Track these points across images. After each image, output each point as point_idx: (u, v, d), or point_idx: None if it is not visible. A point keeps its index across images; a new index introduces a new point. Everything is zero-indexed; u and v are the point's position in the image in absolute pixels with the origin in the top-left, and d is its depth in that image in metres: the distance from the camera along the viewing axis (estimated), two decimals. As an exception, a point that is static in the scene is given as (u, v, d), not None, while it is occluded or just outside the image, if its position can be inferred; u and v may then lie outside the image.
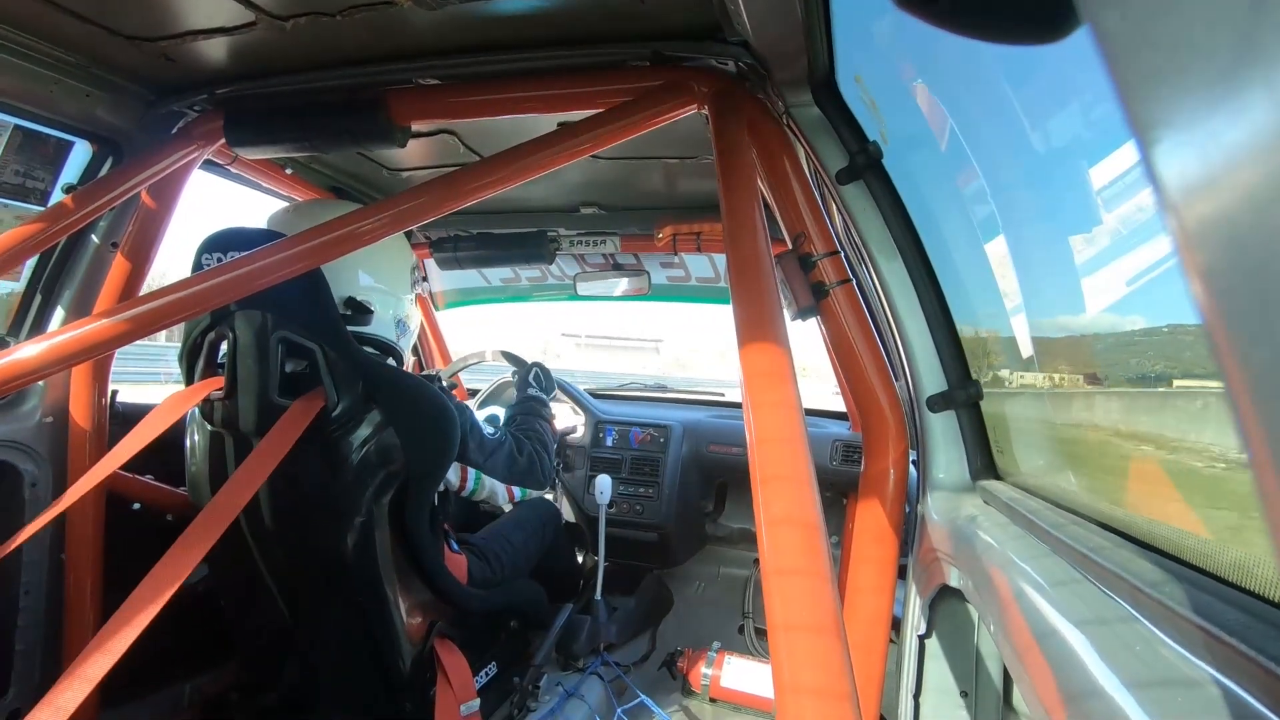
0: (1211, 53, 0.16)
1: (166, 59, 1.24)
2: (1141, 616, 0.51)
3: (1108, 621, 0.53)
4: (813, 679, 0.59)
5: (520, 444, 1.61)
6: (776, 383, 0.80)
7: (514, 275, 2.80)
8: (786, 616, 0.64)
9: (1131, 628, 0.51)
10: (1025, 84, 0.95)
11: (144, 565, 1.03)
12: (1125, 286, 0.83)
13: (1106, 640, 0.51)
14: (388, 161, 1.84)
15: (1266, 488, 0.17)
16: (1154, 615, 0.50)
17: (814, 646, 0.61)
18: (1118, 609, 0.54)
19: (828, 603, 0.64)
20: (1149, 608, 0.50)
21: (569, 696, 1.82)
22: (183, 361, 1.36)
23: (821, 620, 0.63)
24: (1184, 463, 0.78)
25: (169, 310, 1.13)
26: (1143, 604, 0.51)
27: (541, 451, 1.66)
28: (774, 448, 0.75)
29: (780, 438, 0.76)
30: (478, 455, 1.47)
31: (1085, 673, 0.50)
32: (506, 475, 1.54)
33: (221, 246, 1.25)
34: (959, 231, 1.18)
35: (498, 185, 1.17)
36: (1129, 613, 0.53)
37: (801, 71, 1.08)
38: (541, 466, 1.64)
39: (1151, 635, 0.48)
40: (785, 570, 0.67)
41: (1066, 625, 0.56)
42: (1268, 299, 0.16)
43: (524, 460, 1.59)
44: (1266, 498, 0.17)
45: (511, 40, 1.17)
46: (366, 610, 1.34)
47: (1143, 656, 0.47)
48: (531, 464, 1.61)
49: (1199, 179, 0.17)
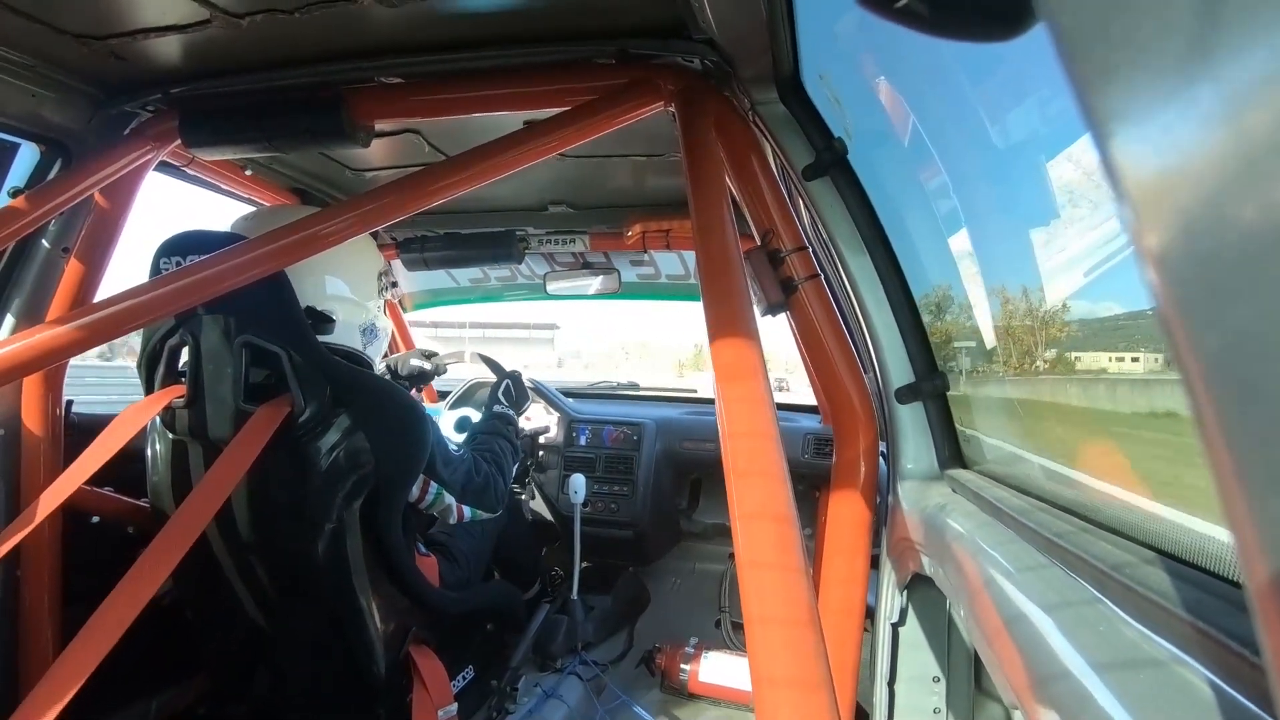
0: (1163, 49, 0.17)
1: (116, 58, 1.20)
2: (1105, 598, 0.53)
3: (1072, 604, 0.55)
4: (789, 670, 0.60)
5: (477, 464, 1.57)
6: (747, 378, 0.81)
7: (483, 275, 2.77)
8: (762, 610, 0.64)
9: (1095, 609, 0.52)
10: (985, 81, 0.97)
11: (105, 580, 1.00)
12: (1083, 277, 0.85)
13: (1071, 622, 0.52)
14: (351, 161, 1.81)
15: (1220, 470, 0.17)
16: (1116, 596, 0.51)
17: (790, 638, 0.62)
18: (1082, 591, 0.56)
19: (802, 594, 0.65)
20: (1112, 589, 0.52)
21: (548, 697, 1.82)
22: (142, 369, 1.32)
23: (796, 612, 0.63)
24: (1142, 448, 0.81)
25: (125, 316, 1.09)
26: (1106, 585, 0.53)
27: (497, 475, 1.61)
28: (746, 442, 0.76)
29: (752, 432, 0.76)
30: (442, 467, 1.43)
31: (1051, 654, 0.51)
32: (460, 493, 1.49)
33: (180, 250, 1.22)
34: (923, 226, 1.20)
35: (464, 185, 1.16)
36: (1093, 594, 0.54)
37: (767, 69, 1.09)
38: (495, 490, 1.58)
39: (1114, 615, 0.50)
40: (760, 564, 0.68)
41: (1033, 608, 0.58)
42: (1218, 286, 0.16)
43: (479, 480, 1.55)
44: (1220, 480, 0.17)
45: (475, 38, 1.16)
46: (340, 617, 1.32)
47: (1106, 636, 0.48)
48: (486, 485, 1.56)
49: (1152, 171, 0.18)
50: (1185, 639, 0.42)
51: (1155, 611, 0.45)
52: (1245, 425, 0.16)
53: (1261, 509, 0.16)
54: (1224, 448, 0.17)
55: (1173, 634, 0.43)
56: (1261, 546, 0.17)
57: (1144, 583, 0.47)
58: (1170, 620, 0.43)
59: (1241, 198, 0.15)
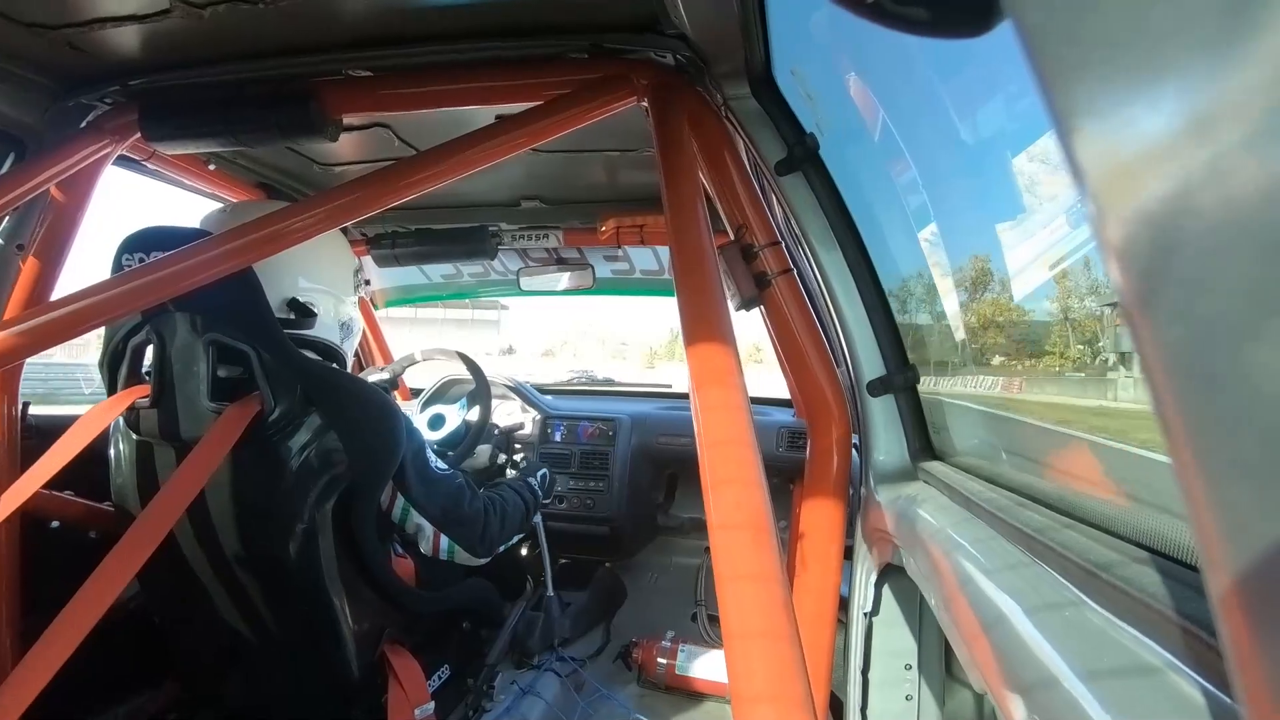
0: (1125, 47, 0.17)
1: (72, 48, 1.16)
2: (1070, 584, 0.54)
3: (1039, 590, 0.56)
4: (765, 661, 0.60)
5: (474, 495, 1.45)
6: (722, 372, 0.81)
7: (456, 271, 2.74)
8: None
9: (1061, 595, 0.54)
10: (954, 77, 0.99)
11: (67, 586, 0.97)
12: (1049, 270, 0.87)
13: (1038, 608, 0.54)
14: (319, 156, 1.78)
15: (1181, 459, 0.18)
16: (1081, 582, 0.52)
17: (765, 629, 0.62)
18: (1048, 578, 0.57)
19: (776, 586, 0.65)
20: (1076, 575, 0.53)
21: (525, 694, 1.81)
22: (104, 369, 1.28)
23: (771, 603, 0.64)
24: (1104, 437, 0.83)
25: (84, 315, 1.06)
26: (1070, 572, 0.54)
27: (494, 518, 1.48)
28: (721, 437, 0.76)
29: (727, 426, 0.77)
30: (415, 481, 1.34)
31: (1019, 640, 0.52)
32: (441, 517, 1.38)
33: (143, 246, 1.19)
34: (894, 220, 1.22)
35: (435, 180, 1.14)
36: (1058, 581, 0.56)
37: (739, 64, 1.09)
38: (485, 530, 1.45)
39: (1080, 601, 0.51)
40: (735, 558, 0.68)
41: (1001, 595, 0.59)
42: (1178, 279, 0.17)
43: (468, 511, 1.42)
44: (1181, 468, 0.18)
45: (446, 31, 1.14)
46: (312, 619, 1.30)
47: (1072, 621, 0.50)
48: (475, 521, 1.44)
49: (1114, 167, 0.18)
50: (1148, 623, 0.43)
51: (1118, 597, 0.47)
52: (1204, 414, 0.17)
53: (1219, 497, 0.17)
54: (1183, 437, 0.18)
55: (1135, 618, 0.45)
56: (1219, 533, 0.17)
57: (1107, 569, 0.49)
58: (1133, 605, 0.45)
59: (1201, 193, 0.15)
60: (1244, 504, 0.16)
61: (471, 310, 36.51)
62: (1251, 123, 0.14)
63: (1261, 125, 0.14)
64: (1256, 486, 0.16)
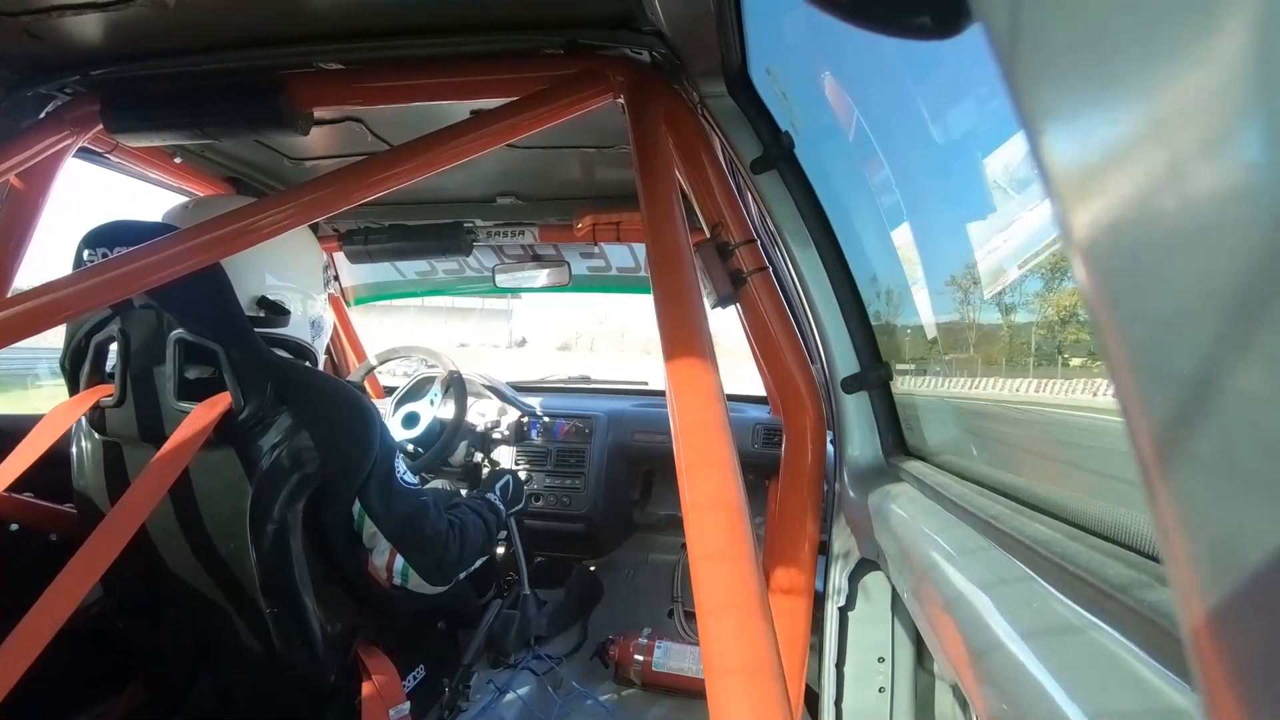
0: (1090, 52, 0.17)
1: (30, 35, 1.13)
2: (1037, 575, 0.55)
3: (1007, 582, 0.57)
4: (740, 657, 0.61)
5: (440, 518, 1.37)
6: (698, 370, 0.81)
7: (430, 268, 2.71)
8: (714, 599, 0.65)
9: (1028, 586, 0.55)
10: (927, 78, 1.00)
11: (27, 591, 0.95)
12: (1018, 269, 0.88)
13: (1006, 599, 0.55)
14: (290, 150, 1.74)
15: (1143, 454, 0.18)
16: (1048, 574, 0.54)
17: (740, 625, 0.63)
18: (1016, 569, 0.58)
19: (752, 582, 0.66)
20: (1043, 567, 0.55)
21: (501, 694, 1.81)
22: (65, 367, 1.25)
23: (747, 600, 0.64)
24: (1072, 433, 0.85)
25: (44, 311, 1.03)
26: (1038, 564, 0.55)
27: (454, 541, 1.38)
28: (697, 434, 0.77)
29: (702, 424, 0.77)
30: (376, 490, 1.26)
31: (987, 630, 0.54)
32: (399, 533, 1.29)
33: (106, 241, 1.16)
34: (868, 219, 1.23)
35: (409, 175, 1.13)
36: (1026, 572, 0.57)
37: (715, 63, 1.09)
38: (444, 559, 1.35)
39: (1046, 592, 0.52)
40: (711, 554, 0.68)
41: (971, 588, 0.60)
42: (1142, 277, 0.17)
43: (431, 534, 1.33)
44: (1143, 462, 0.18)
45: (420, 24, 1.13)
46: (284, 620, 1.28)
47: (1039, 612, 0.51)
48: (436, 543, 1.34)
49: (1082, 168, 0.19)
50: (1111, 614, 0.44)
51: (1083, 588, 0.48)
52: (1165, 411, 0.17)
53: (1180, 490, 0.17)
54: (1145, 432, 0.18)
55: (1100, 609, 0.46)
56: (1180, 525, 0.18)
57: (1073, 560, 0.50)
58: (1097, 596, 0.46)
59: (1165, 194, 0.16)
60: (1204, 497, 0.17)
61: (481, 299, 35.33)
62: (1208, 126, 0.15)
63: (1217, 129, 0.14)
64: (1216, 480, 0.16)
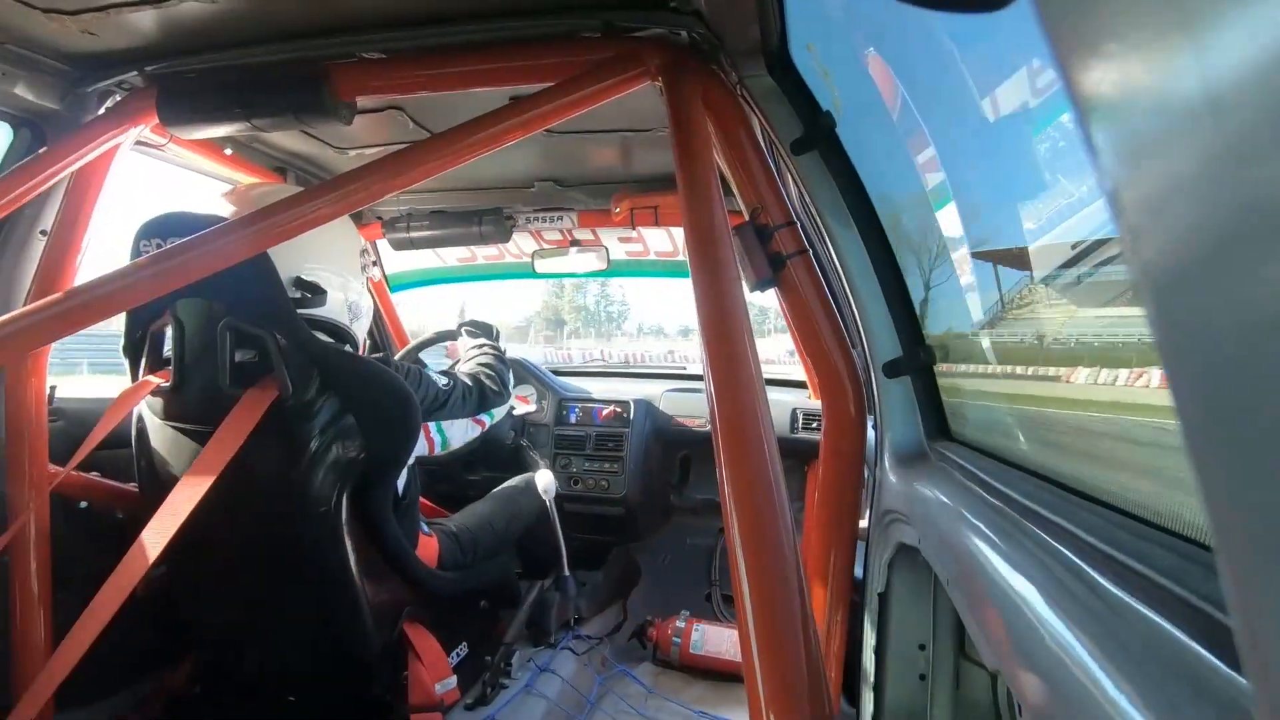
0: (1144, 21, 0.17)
1: (88, 34, 1.17)
2: (1082, 563, 0.54)
3: (1052, 570, 0.56)
4: (777, 641, 0.61)
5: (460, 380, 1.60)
6: (737, 354, 0.81)
7: (471, 254, 2.75)
8: (751, 582, 0.65)
9: (1075, 575, 0.53)
10: (974, 53, 0.97)
11: (95, 565, 1.00)
12: (1071, 250, 0.85)
13: (1051, 587, 0.54)
14: (334, 139, 1.78)
15: (1195, 443, 0.18)
16: (1093, 561, 0.52)
17: (778, 610, 0.63)
18: (1060, 557, 0.57)
19: (789, 567, 0.66)
20: (1089, 554, 0.53)
21: (541, 671, 1.84)
22: (127, 354, 1.31)
23: (785, 584, 0.64)
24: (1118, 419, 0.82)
25: (106, 300, 1.07)
26: (1083, 551, 0.54)
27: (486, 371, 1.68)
28: (736, 418, 0.77)
29: (742, 408, 0.77)
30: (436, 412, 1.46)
31: (1032, 618, 0.53)
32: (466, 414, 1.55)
33: (160, 232, 1.20)
34: (912, 200, 1.20)
35: (449, 162, 1.14)
36: (1073, 561, 0.55)
37: (754, 41, 1.07)
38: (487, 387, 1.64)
39: (1093, 581, 0.51)
40: (748, 538, 0.69)
41: (1015, 576, 0.59)
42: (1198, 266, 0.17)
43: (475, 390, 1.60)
44: (1195, 451, 0.18)
45: (458, 11, 1.14)
46: (331, 597, 1.33)
47: (1085, 601, 0.50)
48: (483, 390, 1.61)
49: (1136, 148, 0.18)
50: (1160, 602, 0.43)
51: (1130, 576, 0.47)
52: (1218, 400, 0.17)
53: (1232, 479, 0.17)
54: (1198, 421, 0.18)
55: (1148, 597, 0.44)
56: (1231, 514, 0.17)
57: (1121, 547, 0.49)
58: (1145, 584, 0.45)
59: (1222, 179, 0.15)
60: (1256, 486, 0.16)
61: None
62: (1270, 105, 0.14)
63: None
64: (1268, 470, 0.16)
